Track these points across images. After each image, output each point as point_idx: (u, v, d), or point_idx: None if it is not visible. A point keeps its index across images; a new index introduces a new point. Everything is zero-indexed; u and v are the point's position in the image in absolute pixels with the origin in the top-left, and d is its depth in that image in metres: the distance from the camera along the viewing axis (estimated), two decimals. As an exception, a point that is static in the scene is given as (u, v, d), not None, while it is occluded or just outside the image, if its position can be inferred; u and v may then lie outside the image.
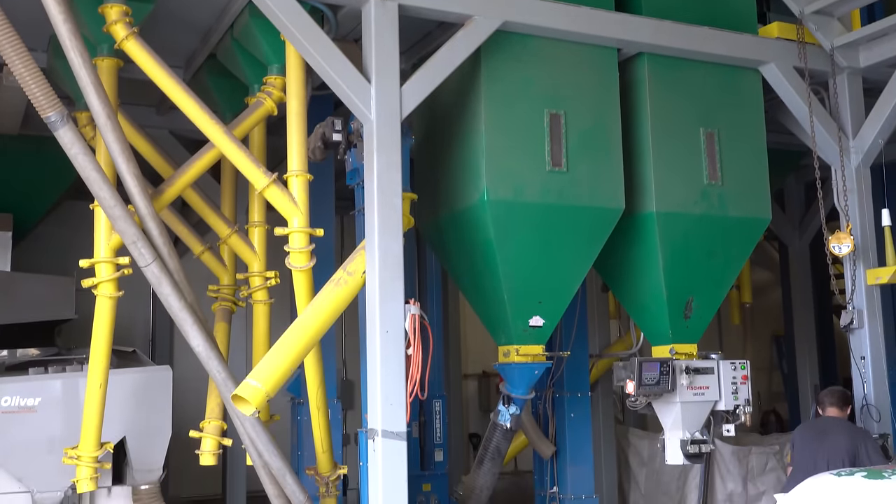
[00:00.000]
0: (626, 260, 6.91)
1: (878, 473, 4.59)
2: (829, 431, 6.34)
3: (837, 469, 5.92)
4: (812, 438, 6.29)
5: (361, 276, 5.62)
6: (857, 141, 7.14)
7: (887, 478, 4.50)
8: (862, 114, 7.22)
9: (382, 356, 5.42)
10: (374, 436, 5.42)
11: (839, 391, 6.62)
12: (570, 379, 7.58)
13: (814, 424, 6.54)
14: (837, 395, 6.55)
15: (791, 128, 7.68)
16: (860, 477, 4.62)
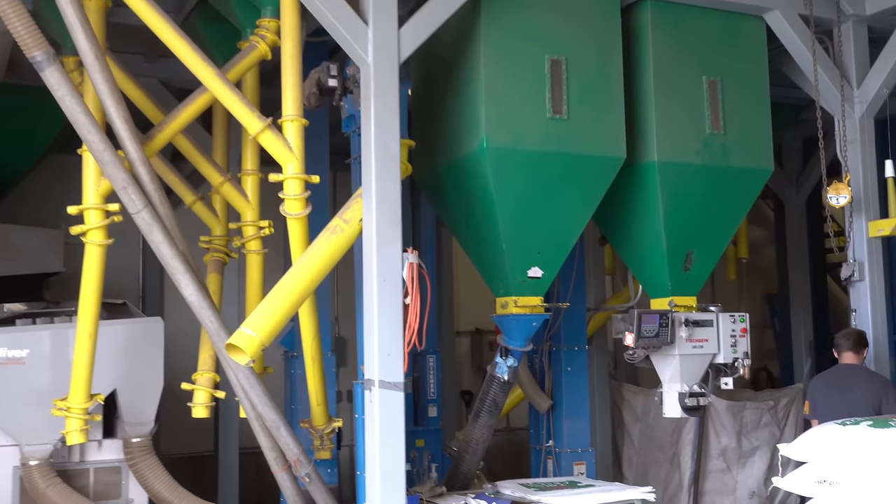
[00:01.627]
0: (626, 211, 6.80)
1: (884, 422, 4.53)
2: (850, 382, 6.27)
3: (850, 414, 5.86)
4: (833, 391, 6.21)
5: (358, 223, 5.49)
6: (860, 90, 7.01)
7: (893, 426, 4.43)
8: (867, 63, 7.09)
9: (380, 305, 5.31)
10: (370, 386, 5.32)
11: (855, 333, 6.53)
12: (568, 332, 7.49)
13: (833, 375, 6.45)
14: (854, 338, 6.46)
15: (794, 77, 7.55)
16: (865, 426, 4.56)
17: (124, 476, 6.46)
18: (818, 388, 6.40)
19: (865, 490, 4.31)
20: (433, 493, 6.18)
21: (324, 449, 6.70)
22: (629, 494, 6.14)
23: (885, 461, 4.29)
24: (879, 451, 4.33)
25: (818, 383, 6.47)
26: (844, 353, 6.43)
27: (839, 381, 6.28)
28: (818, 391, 6.36)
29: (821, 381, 6.48)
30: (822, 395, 6.30)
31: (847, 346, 6.41)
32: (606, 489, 6.23)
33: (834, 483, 4.49)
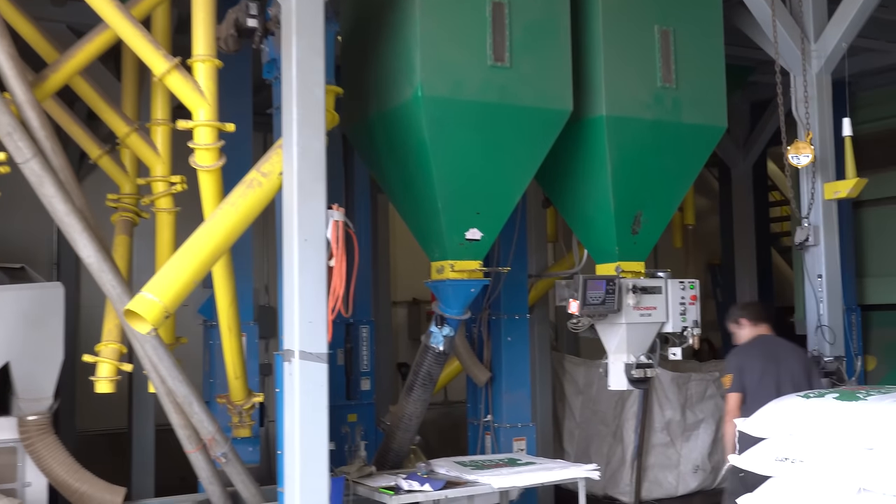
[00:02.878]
0: (572, 170, 6.34)
1: (852, 395, 4.15)
2: (781, 354, 5.98)
3: (779, 389, 5.60)
4: (768, 362, 5.87)
5: (278, 177, 4.93)
6: (818, 44, 6.64)
7: (862, 399, 4.06)
8: (825, 16, 6.72)
9: (301, 268, 4.77)
10: (290, 357, 4.79)
11: (759, 304, 6.23)
12: (508, 300, 7.02)
13: (760, 347, 6.09)
14: (764, 310, 6.17)
15: (749, 32, 7.15)
16: (831, 399, 4.17)
17: (20, 457, 5.82)
18: (747, 361, 5.99)
19: (832, 468, 3.93)
20: (361, 473, 5.70)
21: (243, 426, 6.18)
22: (572, 473, 5.74)
23: (853, 437, 3.91)
24: (847, 427, 3.95)
25: (745, 356, 6.05)
26: (760, 325, 6.10)
27: (770, 352, 5.93)
28: (748, 364, 5.95)
29: (748, 354, 6.07)
30: (753, 366, 5.92)
31: (761, 317, 6.12)
32: (548, 467, 5.82)
33: (797, 461, 4.11)
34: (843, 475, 3.88)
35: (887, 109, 9.03)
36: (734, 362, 6.07)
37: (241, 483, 5.77)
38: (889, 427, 3.80)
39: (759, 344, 6.12)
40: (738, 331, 6.28)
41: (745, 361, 6.01)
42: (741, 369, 5.99)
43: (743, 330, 6.23)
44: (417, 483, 5.32)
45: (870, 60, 8.25)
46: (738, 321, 6.26)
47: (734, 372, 5.99)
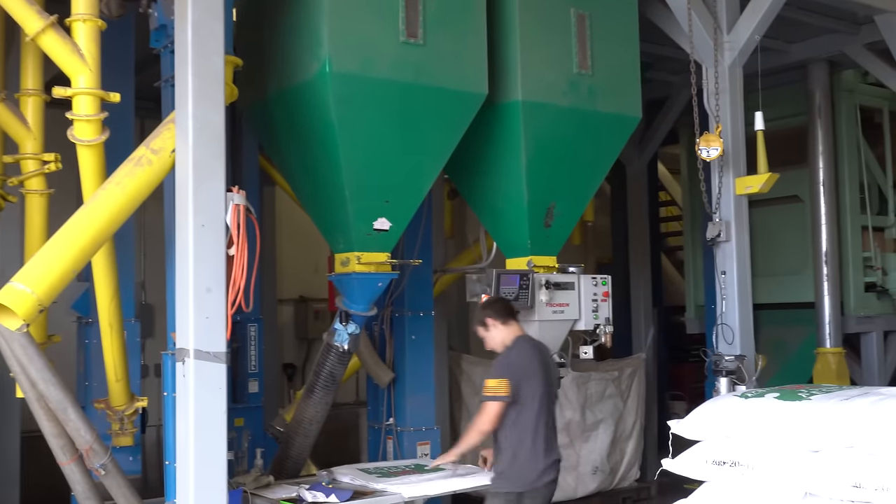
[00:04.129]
0: (483, 158, 6.02)
1: (794, 394, 3.95)
2: (547, 355, 5.28)
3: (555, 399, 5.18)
4: (539, 366, 5.07)
5: (170, 155, 4.41)
6: (731, 36, 6.51)
7: (805, 399, 3.86)
8: (737, 7, 6.60)
9: (197, 257, 4.26)
10: (184, 357, 4.27)
11: (502, 300, 5.42)
12: (413, 296, 6.62)
13: (527, 348, 5.14)
14: (512, 306, 5.34)
15: (660, 24, 6.98)
16: (772, 398, 3.96)
17: None
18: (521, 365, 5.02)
19: (775, 472, 3.72)
20: (259, 483, 5.20)
21: (124, 434, 5.62)
22: (485, 479, 5.39)
23: (798, 439, 3.70)
24: (791, 428, 3.74)
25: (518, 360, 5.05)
26: (512, 323, 5.19)
27: (537, 355, 5.12)
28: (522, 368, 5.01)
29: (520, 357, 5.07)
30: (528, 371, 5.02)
31: (512, 315, 5.23)
32: (458, 473, 5.46)
33: (735, 464, 3.88)
34: (788, 479, 3.67)
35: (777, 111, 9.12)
36: (513, 368, 5.01)
37: (122, 497, 5.19)
38: (836, 428, 3.62)
39: (525, 347, 5.15)
40: (487, 333, 5.23)
41: (524, 367, 5.04)
42: (522, 376, 4.99)
43: (493, 331, 5.20)
44: (322, 494, 4.88)
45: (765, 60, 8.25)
46: (484, 322, 5.22)
47: (510, 378, 4.94)
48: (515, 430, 4.98)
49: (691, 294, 11.01)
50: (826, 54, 8.78)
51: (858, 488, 3.39)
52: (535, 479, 4.96)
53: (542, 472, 4.98)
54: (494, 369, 5.06)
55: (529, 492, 4.94)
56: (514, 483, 4.96)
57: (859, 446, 3.49)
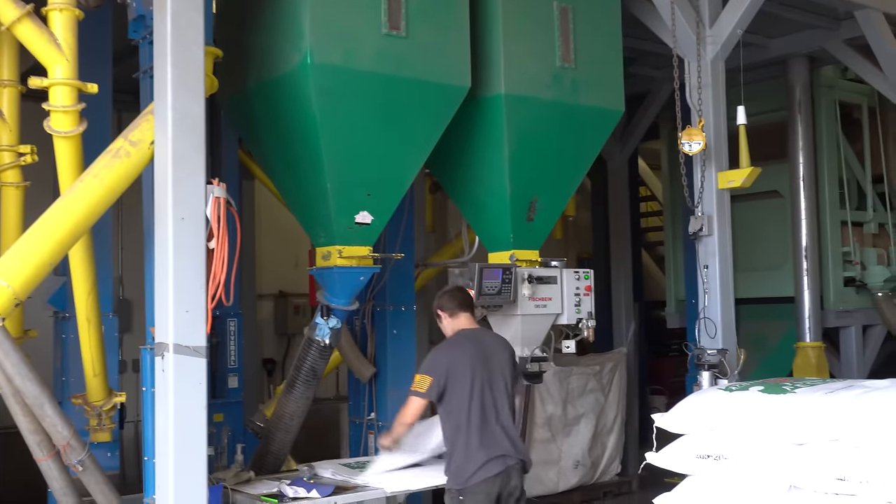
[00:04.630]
0: (466, 152, 5.98)
1: (778, 388, 3.94)
2: (489, 349, 5.09)
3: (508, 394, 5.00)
4: (474, 361, 4.94)
5: (149, 147, 4.35)
6: (714, 30, 6.50)
7: (790, 392, 3.85)
8: (719, 1, 6.59)
9: (176, 250, 4.20)
10: (163, 352, 4.22)
11: (463, 289, 5.32)
12: (394, 290, 6.58)
13: (461, 344, 5.06)
14: (467, 297, 5.21)
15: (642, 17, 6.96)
16: (757, 391, 3.95)
17: None
18: (447, 360, 4.94)
19: (760, 465, 3.71)
20: (239, 479, 5.16)
21: (102, 430, 5.55)
22: (469, 473, 5.36)
23: (782, 432, 3.70)
24: (776, 421, 3.74)
25: (447, 356, 4.99)
26: (461, 315, 5.13)
27: (477, 349, 5.00)
28: (449, 364, 4.92)
29: (451, 352, 5.00)
30: (459, 367, 4.90)
31: (462, 305, 5.16)
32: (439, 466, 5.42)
33: (719, 458, 3.87)
34: (772, 472, 3.66)
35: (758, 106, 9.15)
36: (437, 364, 4.96)
37: (100, 494, 5.12)
38: (820, 421, 3.61)
39: (463, 340, 5.08)
40: (440, 323, 5.24)
41: (450, 364, 4.94)
42: (448, 373, 4.90)
43: (443, 322, 5.20)
44: (303, 489, 4.84)
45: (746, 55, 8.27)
46: (436, 312, 5.23)
47: (433, 375, 4.90)
48: (448, 427, 4.95)
49: (672, 289, 11.04)
50: (806, 50, 8.80)
51: (843, 481, 3.39)
52: (471, 475, 4.79)
53: (480, 467, 4.78)
54: (422, 364, 5.07)
55: (468, 488, 4.80)
56: (453, 479, 4.88)
57: (844, 439, 3.48)
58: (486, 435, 4.86)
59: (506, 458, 4.86)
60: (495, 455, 4.83)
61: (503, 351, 5.20)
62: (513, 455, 4.89)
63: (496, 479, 4.80)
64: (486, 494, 4.79)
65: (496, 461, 4.83)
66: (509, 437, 4.93)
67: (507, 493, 4.85)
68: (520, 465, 4.94)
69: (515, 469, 4.90)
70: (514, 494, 4.89)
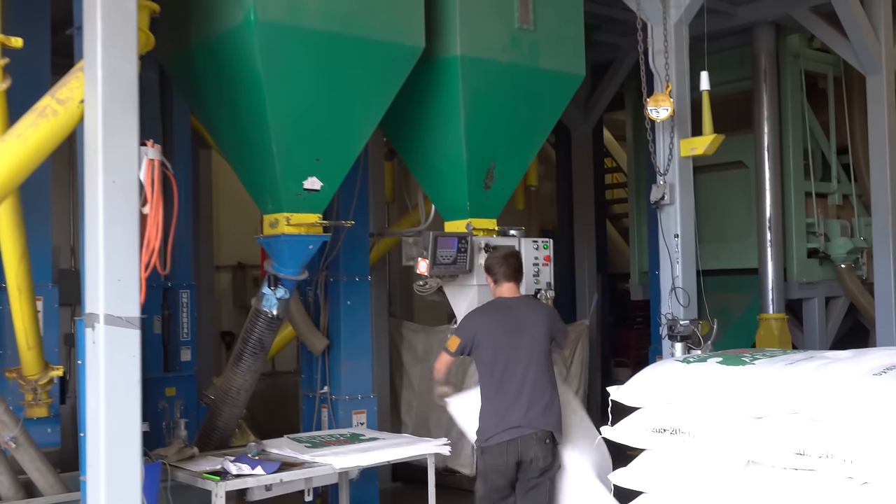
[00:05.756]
0: (421, 116, 5.77)
1: (737, 359, 3.79)
2: (523, 319, 5.11)
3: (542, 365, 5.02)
4: (506, 331, 5.02)
5: (78, 106, 4.09)
6: (677, -6, 6.32)
7: (749, 363, 3.71)
8: (683, -38, 6.40)
9: (107, 215, 3.95)
10: (94, 322, 3.99)
11: (514, 255, 5.31)
12: (348, 260, 6.37)
13: (497, 311, 5.15)
14: (514, 265, 5.21)
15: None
16: (715, 363, 3.81)
17: None
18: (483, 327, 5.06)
19: (717, 440, 3.57)
20: (181, 455, 4.95)
21: (38, 405, 5.31)
22: (421, 449, 5.22)
23: (741, 405, 3.55)
24: (734, 394, 3.59)
25: (480, 321, 5.12)
26: (505, 284, 5.18)
27: (511, 318, 5.06)
28: (484, 331, 5.04)
29: (484, 317, 5.14)
30: (491, 334, 5.02)
31: (506, 274, 5.17)
32: (395, 443, 5.28)
33: (676, 432, 3.73)
34: (730, 447, 3.53)
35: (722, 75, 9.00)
36: (466, 328, 5.12)
37: (35, 471, 4.93)
38: (780, 394, 3.47)
39: (498, 307, 5.18)
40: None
41: (477, 330, 5.06)
42: (474, 338, 5.04)
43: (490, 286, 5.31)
44: (247, 466, 4.64)
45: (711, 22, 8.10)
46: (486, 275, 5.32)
47: (462, 338, 5.06)
48: (479, 388, 5.08)
49: (636, 260, 10.91)
50: (772, 17, 8.65)
51: (802, 455, 3.26)
52: (490, 436, 4.92)
53: (497, 432, 4.90)
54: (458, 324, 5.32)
55: (487, 448, 4.93)
56: (478, 436, 5.01)
57: (803, 412, 3.35)
58: (505, 403, 4.93)
59: (521, 428, 4.90)
60: (512, 424, 4.89)
61: (540, 323, 5.15)
62: (531, 426, 4.91)
63: (511, 444, 4.88)
64: (501, 457, 4.89)
65: (512, 429, 4.90)
66: (530, 408, 4.93)
67: (528, 459, 4.91)
68: (541, 434, 4.94)
69: (535, 438, 4.91)
70: (537, 463, 4.92)
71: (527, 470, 4.92)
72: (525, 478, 4.94)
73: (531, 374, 4.99)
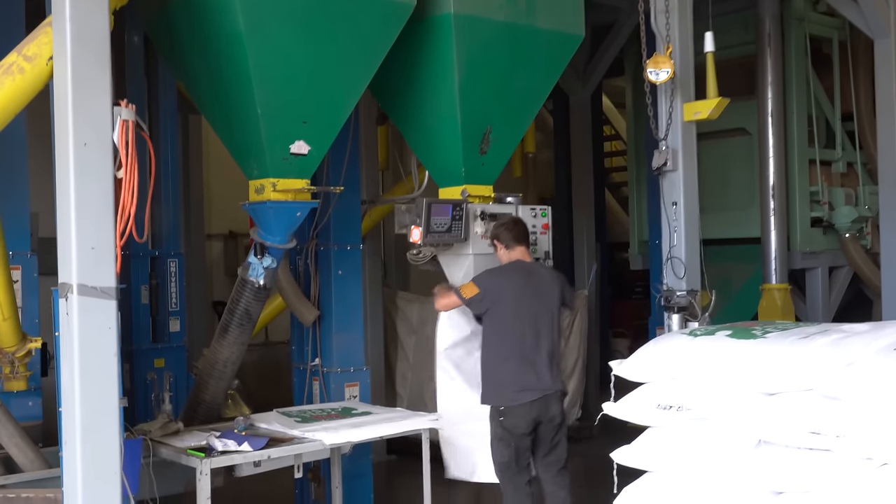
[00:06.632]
0: (413, 79, 5.52)
1: (747, 332, 3.58)
2: (539, 282, 5.24)
3: (554, 329, 5.19)
4: (532, 293, 5.14)
5: (47, 63, 3.84)
6: (682, -51, 6.04)
7: (760, 337, 3.50)
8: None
9: (79, 179, 3.72)
10: (67, 293, 3.77)
11: (520, 221, 5.40)
12: (339, 228, 6.12)
13: (516, 273, 5.21)
14: (522, 229, 5.33)
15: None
16: (724, 336, 3.60)
17: None
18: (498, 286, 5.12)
19: (726, 417, 3.37)
20: (166, 431, 4.75)
21: (16, 378, 5.10)
22: (415, 424, 5.03)
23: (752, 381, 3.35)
24: (745, 369, 3.39)
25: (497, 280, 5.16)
26: (517, 248, 5.26)
27: (527, 280, 5.17)
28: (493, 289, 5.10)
29: (501, 278, 5.18)
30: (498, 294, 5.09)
31: (517, 237, 5.27)
32: (388, 417, 5.09)
33: (682, 409, 3.53)
34: (740, 425, 3.33)
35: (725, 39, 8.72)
36: (484, 282, 5.15)
37: (14, 447, 4.72)
38: (794, 369, 3.27)
39: (512, 270, 5.24)
40: (496, 253, 5.39)
41: (495, 289, 5.12)
42: (490, 295, 5.10)
43: (499, 252, 5.34)
44: (234, 442, 4.45)
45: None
46: (491, 242, 5.37)
47: (482, 290, 5.10)
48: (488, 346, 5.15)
49: (635, 230, 10.69)
50: (777, -22, 8.39)
51: (817, 435, 3.06)
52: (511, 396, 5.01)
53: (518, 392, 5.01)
54: (476, 276, 5.27)
55: (509, 409, 5.01)
56: (493, 399, 5.09)
57: (819, 389, 3.14)
58: (523, 364, 5.04)
59: (541, 389, 5.03)
60: (530, 385, 5.02)
61: (554, 288, 5.31)
62: (548, 387, 5.06)
63: (533, 405, 5.00)
64: (523, 417, 5.00)
65: (533, 390, 5.02)
66: (546, 370, 5.09)
67: (548, 419, 5.07)
68: (557, 394, 5.13)
69: (553, 397, 5.09)
70: (555, 421, 5.10)
71: (546, 428, 5.07)
72: (546, 438, 5.10)
73: (546, 336, 5.15)
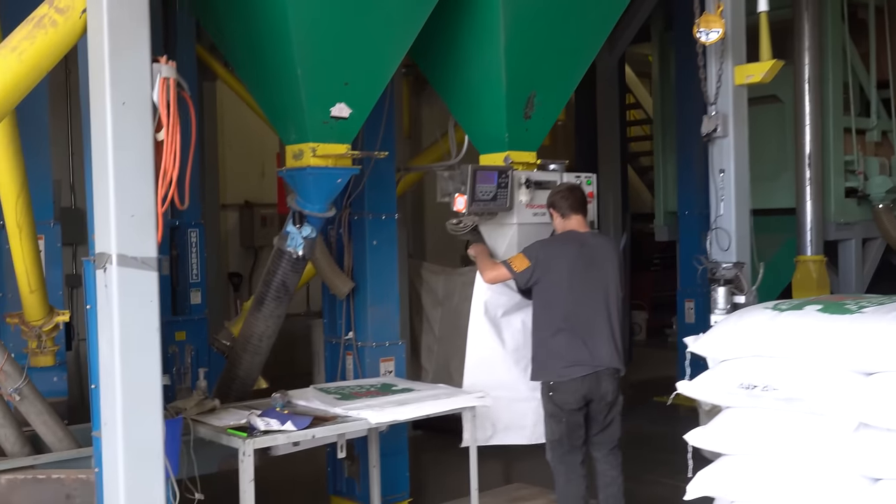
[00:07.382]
0: (456, 40, 5.25)
1: (839, 307, 3.34)
2: (594, 253, 5.01)
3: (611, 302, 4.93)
4: (584, 265, 4.93)
5: (80, 16, 3.56)
6: None
7: (855, 312, 3.25)
8: None
9: (117, 142, 3.46)
10: (105, 264, 3.52)
11: (577, 187, 5.18)
12: (374, 196, 5.84)
13: (571, 244, 4.98)
14: (579, 196, 5.07)
15: None
16: (814, 311, 3.35)
17: None
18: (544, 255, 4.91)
19: (819, 398, 3.13)
20: (202, 408, 4.53)
21: (43, 353, 4.87)
22: (463, 401, 4.80)
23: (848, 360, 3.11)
24: (840, 347, 3.15)
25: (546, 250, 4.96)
26: (573, 217, 5.04)
27: (582, 252, 4.95)
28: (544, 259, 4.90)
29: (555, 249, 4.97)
30: (549, 265, 4.89)
31: (574, 207, 5.04)
32: (433, 394, 4.85)
33: (768, 388, 3.29)
34: (836, 406, 3.09)
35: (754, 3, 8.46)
36: (534, 253, 4.95)
37: (42, 424, 4.53)
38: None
39: (567, 242, 5.01)
40: (553, 222, 5.21)
41: (546, 259, 4.91)
42: (541, 265, 4.90)
43: (555, 220, 5.15)
44: (276, 421, 4.22)
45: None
46: (548, 210, 5.17)
47: (532, 262, 4.90)
48: (539, 320, 4.96)
49: (661, 201, 10.43)
50: (815, -61, 8.07)
51: (928, 418, 2.83)
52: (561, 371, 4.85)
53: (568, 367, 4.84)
54: (526, 246, 5.07)
55: (559, 384, 4.86)
56: (543, 373, 4.94)
57: (932, 368, 2.92)
58: (575, 339, 4.85)
59: (594, 365, 4.86)
60: (582, 360, 4.85)
61: (612, 259, 5.09)
62: (601, 363, 4.88)
63: (584, 380, 4.84)
64: (573, 393, 4.84)
65: (583, 365, 4.85)
66: (601, 345, 4.90)
67: (599, 396, 4.90)
68: (610, 371, 4.93)
69: (606, 374, 4.90)
70: (607, 398, 4.92)
71: (597, 406, 4.91)
72: (598, 416, 4.94)
73: (601, 310, 4.93)
